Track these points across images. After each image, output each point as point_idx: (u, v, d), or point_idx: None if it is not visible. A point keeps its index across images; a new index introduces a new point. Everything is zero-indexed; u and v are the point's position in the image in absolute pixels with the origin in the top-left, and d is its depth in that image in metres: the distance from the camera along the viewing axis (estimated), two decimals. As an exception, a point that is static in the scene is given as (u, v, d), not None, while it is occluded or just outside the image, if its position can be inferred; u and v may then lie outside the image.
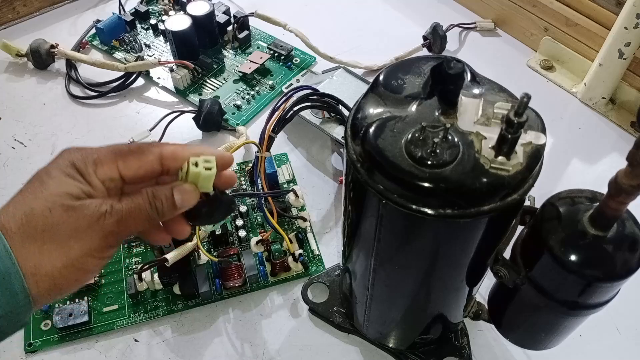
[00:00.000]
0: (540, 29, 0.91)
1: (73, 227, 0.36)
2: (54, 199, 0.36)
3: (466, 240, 0.41)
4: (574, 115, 0.85)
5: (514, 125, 0.34)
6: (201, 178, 0.39)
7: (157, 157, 0.39)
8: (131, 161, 0.39)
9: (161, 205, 0.39)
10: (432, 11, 0.99)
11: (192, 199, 0.40)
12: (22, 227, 0.35)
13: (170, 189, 0.39)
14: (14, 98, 0.86)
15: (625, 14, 0.75)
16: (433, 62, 0.42)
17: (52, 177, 0.37)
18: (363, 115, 0.40)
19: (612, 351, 0.62)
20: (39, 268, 0.35)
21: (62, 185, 0.36)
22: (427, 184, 0.36)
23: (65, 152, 0.38)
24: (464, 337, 0.60)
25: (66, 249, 0.36)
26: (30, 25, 0.96)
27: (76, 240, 0.36)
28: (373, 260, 0.46)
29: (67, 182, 0.37)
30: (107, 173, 0.38)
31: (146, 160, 0.39)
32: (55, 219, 0.36)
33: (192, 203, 0.40)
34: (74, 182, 0.37)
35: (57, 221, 0.36)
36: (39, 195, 0.36)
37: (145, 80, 0.88)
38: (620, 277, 0.38)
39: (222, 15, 0.91)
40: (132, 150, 0.39)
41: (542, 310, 0.44)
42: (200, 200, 0.40)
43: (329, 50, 0.87)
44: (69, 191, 0.36)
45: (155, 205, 0.39)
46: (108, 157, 0.38)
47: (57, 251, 0.36)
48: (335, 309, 0.63)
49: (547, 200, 0.41)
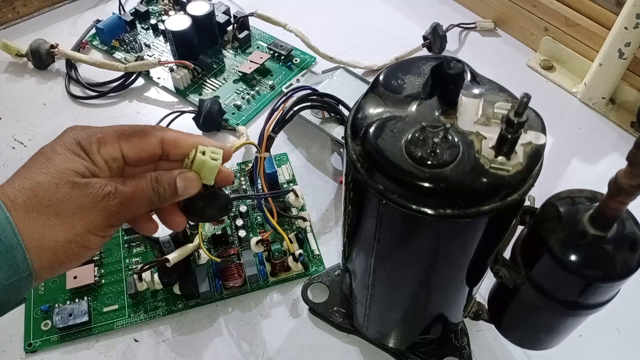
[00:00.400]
0: (540, 29, 0.91)
1: (78, 204, 0.36)
2: (60, 175, 0.36)
3: (466, 240, 0.41)
4: (574, 115, 0.85)
5: (514, 125, 0.34)
6: (206, 167, 0.40)
7: (159, 141, 0.40)
8: (134, 142, 0.40)
9: (163, 190, 0.39)
10: (432, 11, 0.99)
11: (194, 187, 0.40)
12: (28, 200, 0.35)
13: (174, 175, 0.40)
14: (14, 98, 0.86)
15: (625, 14, 0.75)
16: (433, 62, 0.42)
17: (57, 154, 0.37)
18: (363, 115, 0.40)
19: (612, 351, 0.62)
20: (43, 241, 0.36)
21: (68, 162, 0.37)
22: (427, 184, 0.36)
23: (69, 130, 0.39)
24: (464, 337, 0.60)
25: (70, 225, 0.36)
26: (30, 25, 0.96)
27: (80, 217, 0.36)
28: (373, 260, 0.46)
29: (72, 159, 0.37)
30: (110, 153, 0.39)
31: (148, 142, 0.40)
32: (61, 195, 0.36)
33: (193, 191, 0.40)
34: (80, 159, 0.37)
35: (63, 197, 0.36)
36: (45, 170, 0.36)
37: (145, 80, 0.88)
38: (620, 277, 0.38)
39: (222, 15, 0.91)
40: (136, 132, 0.40)
41: (542, 310, 0.44)
42: (199, 192, 0.41)
43: (329, 50, 0.87)
44: (75, 168, 0.37)
45: (157, 190, 0.39)
46: (112, 137, 0.39)
47: (61, 226, 0.36)
48: (335, 309, 0.63)
49: (547, 200, 0.41)
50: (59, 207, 0.36)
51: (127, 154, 0.40)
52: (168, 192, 0.39)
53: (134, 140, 0.40)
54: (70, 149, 0.38)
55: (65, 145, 0.38)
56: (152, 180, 0.39)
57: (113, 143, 0.39)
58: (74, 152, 0.37)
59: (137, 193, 0.38)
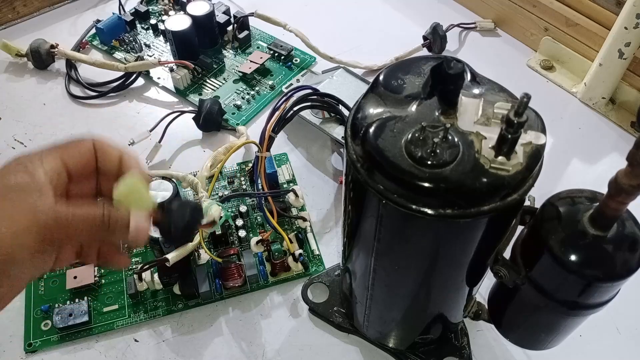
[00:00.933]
0: (540, 29, 0.91)
1: (8, 212, 0.34)
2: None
3: (466, 240, 0.41)
4: (574, 115, 0.85)
5: (514, 125, 0.34)
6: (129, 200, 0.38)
7: (91, 146, 0.39)
8: (71, 149, 0.38)
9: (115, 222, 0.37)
10: (432, 11, 0.99)
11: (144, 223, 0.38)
12: None
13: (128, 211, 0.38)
14: (13, 98, 0.86)
15: (625, 14, 0.75)
16: (433, 62, 0.42)
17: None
18: (363, 115, 0.40)
19: (613, 351, 0.62)
20: None
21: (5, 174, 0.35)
22: (427, 184, 0.36)
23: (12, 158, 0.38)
24: (464, 337, 0.60)
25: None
26: (30, 25, 0.96)
27: (8, 225, 0.33)
28: (373, 260, 0.46)
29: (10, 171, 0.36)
30: (51, 164, 0.37)
31: (84, 147, 0.39)
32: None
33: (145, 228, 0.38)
34: (19, 173, 0.35)
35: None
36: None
37: (145, 80, 0.88)
38: (620, 277, 0.38)
39: (222, 15, 0.91)
40: (71, 141, 0.39)
41: (542, 310, 0.44)
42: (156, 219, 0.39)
43: (329, 50, 0.87)
44: (10, 180, 0.35)
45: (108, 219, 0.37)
46: (51, 150, 0.38)
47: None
48: (335, 309, 0.63)
49: (547, 200, 0.41)
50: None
51: (67, 163, 0.38)
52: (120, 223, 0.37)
53: (70, 147, 0.39)
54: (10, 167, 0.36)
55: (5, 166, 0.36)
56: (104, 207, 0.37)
57: (53, 153, 0.38)
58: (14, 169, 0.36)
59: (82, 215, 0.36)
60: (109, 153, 0.40)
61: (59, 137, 0.80)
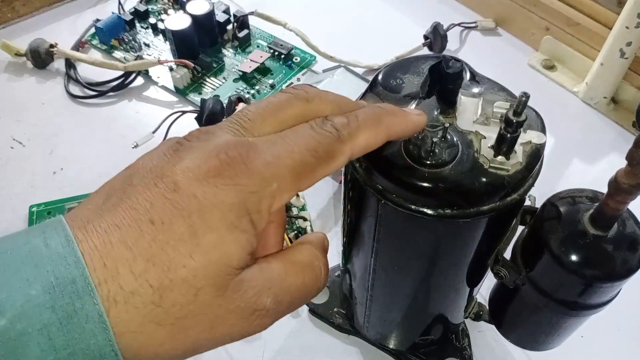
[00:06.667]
0: (541, 28, 0.90)
1: (214, 317, 0.25)
2: (206, 272, 0.24)
3: (466, 241, 0.41)
4: (575, 115, 0.85)
5: (513, 124, 0.34)
6: None
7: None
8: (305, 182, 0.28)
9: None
10: (432, 10, 0.99)
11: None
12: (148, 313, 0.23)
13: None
14: (12, 98, 0.86)
15: (626, 13, 0.74)
16: (432, 61, 0.41)
17: (210, 228, 0.24)
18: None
19: (614, 352, 0.62)
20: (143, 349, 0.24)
21: (223, 246, 0.24)
22: (426, 184, 0.35)
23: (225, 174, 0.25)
24: (465, 338, 0.60)
25: (191, 338, 0.25)
26: (30, 24, 0.96)
27: (209, 332, 0.25)
28: (372, 260, 0.45)
29: (231, 239, 0.25)
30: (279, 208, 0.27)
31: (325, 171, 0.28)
32: (198, 307, 0.24)
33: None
34: (243, 235, 0.25)
35: (199, 310, 0.24)
36: (184, 260, 0.24)
37: (145, 79, 0.88)
38: (621, 277, 0.38)
39: (222, 14, 0.91)
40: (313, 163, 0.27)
41: (543, 311, 0.44)
42: None
43: (329, 49, 0.87)
44: (230, 258, 0.25)
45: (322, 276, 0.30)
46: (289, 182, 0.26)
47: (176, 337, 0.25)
48: (336, 310, 0.63)
49: (547, 200, 0.41)
50: (188, 322, 0.24)
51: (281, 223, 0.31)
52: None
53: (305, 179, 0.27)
54: (230, 220, 0.25)
55: (223, 214, 0.24)
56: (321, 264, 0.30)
57: (291, 191, 0.27)
58: (236, 225, 0.25)
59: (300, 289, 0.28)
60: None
61: (58, 137, 0.80)
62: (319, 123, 0.28)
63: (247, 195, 0.25)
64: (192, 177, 0.25)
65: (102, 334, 0.22)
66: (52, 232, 0.24)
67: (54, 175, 0.76)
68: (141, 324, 0.23)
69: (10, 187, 0.74)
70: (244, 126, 0.27)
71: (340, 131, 0.28)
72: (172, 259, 0.24)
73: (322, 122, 0.28)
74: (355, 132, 0.29)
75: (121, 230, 0.24)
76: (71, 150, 0.79)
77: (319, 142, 0.27)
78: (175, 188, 0.24)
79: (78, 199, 0.71)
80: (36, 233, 0.24)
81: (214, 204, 0.24)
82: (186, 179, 0.24)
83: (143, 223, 0.24)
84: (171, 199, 0.24)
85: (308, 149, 0.27)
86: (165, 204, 0.24)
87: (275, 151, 0.26)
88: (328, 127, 0.28)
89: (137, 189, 0.25)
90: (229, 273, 0.25)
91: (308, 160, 0.27)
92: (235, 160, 0.25)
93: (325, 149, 0.27)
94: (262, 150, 0.26)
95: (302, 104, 0.29)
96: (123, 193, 0.25)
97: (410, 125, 0.34)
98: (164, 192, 0.24)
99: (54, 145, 0.79)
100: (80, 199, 0.71)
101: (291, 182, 0.26)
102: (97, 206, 0.25)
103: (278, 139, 0.27)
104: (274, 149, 0.26)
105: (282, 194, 0.26)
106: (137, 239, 0.24)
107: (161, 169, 0.25)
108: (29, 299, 0.22)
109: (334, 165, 0.28)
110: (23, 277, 0.22)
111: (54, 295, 0.22)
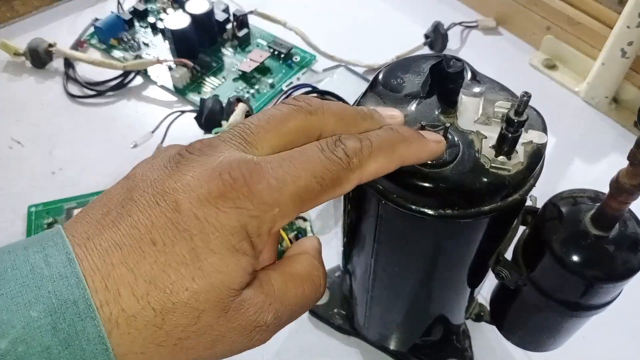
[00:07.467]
0: (542, 27, 0.90)
1: (216, 336, 0.25)
2: (207, 294, 0.24)
3: (467, 241, 0.40)
4: (577, 115, 0.85)
5: (514, 124, 0.34)
6: None
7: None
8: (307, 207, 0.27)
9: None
10: (433, 9, 0.99)
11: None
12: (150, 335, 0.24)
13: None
14: (11, 97, 0.85)
15: (628, 12, 0.74)
16: (432, 60, 0.41)
17: (212, 252, 0.24)
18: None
19: (616, 353, 0.62)
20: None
21: (225, 267, 0.24)
22: (427, 184, 0.35)
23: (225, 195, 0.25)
24: (466, 339, 0.60)
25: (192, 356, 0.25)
26: (29, 24, 0.95)
27: (211, 349, 0.26)
28: (373, 261, 0.45)
29: (232, 262, 0.25)
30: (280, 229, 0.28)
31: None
32: (200, 327, 0.24)
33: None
34: (244, 257, 0.25)
35: (202, 331, 0.25)
36: (187, 283, 0.24)
37: (144, 79, 0.87)
38: (622, 277, 0.38)
39: (221, 13, 0.90)
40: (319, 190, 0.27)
41: (544, 312, 0.44)
42: None
43: (330, 48, 0.87)
44: (232, 279, 0.25)
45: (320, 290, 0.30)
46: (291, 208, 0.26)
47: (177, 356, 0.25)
48: (336, 311, 0.62)
49: (548, 200, 0.41)
50: (190, 342, 0.25)
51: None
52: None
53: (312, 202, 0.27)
54: (232, 243, 0.25)
55: (224, 237, 0.24)
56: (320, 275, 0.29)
57: (292, 216, 0.27)
58: (237, 248, 0.25)
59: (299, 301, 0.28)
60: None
61: (57, 137, 0.80)
62: (330, 146, 0.27)
63: (249, 219, 0.25)
64: (194, 197, 0.24)
65: (103, 356, 0.22)
66: (52, 250, 0.23)
67: (53, 175, 0.76)
68: (143, 345, 0.23)
69: (10, 187, 0.74)
70: (247, 139, 0.27)
71: (351, 158, 0.27)
72: (174, 282, 0.24)
73: (333, 145, 0.28)
74: (367, 160, 0.28)
75: (122, 251, 0.24)
76: (70, 150, 0.79)
77: (327, 170, 0.27)
78: (177, 208, 0.24)
79: (77, 199, 0.71)
80: (37, 248, 0.23)
81: (215, 227, 0.24)
82: (188, 199, 0.24)
83: (144, 243, 0.24)
84: (173, 219, 0.24)
85: (314, 176, 0.26)
86: (167, 224, 0.24)
87: (280, 174, 0.26)
88: (339, 152, 0.27)
89: (138, 205, 0.25)
90: (230, 295, 0.25)
91: (313, 187, 0.26)
92: (239, 183, 0.25)
93: (332, 177, 0.27)
94: (267, 172, 0.25)
95: (305, 116, 0.29)
96: (123, 208, 0.25)
97: (427, 154, 0.33)
98: (165, 211, 0.24)
99: (53, 145, 0.79)
100: (80, 199, 0.71)
101: (293, 208, 0.26)
102: (97, 220, 0.25)
103: (285, 160, 0.26)
104: (279, 172, 0.26)
105: (284, 218, 0.26)
106: (138, 260, 0.23)
107: (162, 185, 0.25)
108: (30, 321, 0.22)
109: (339, 192, 0.28)
110: (25, 298, 0.22)
111: (55, 317, 0.22)
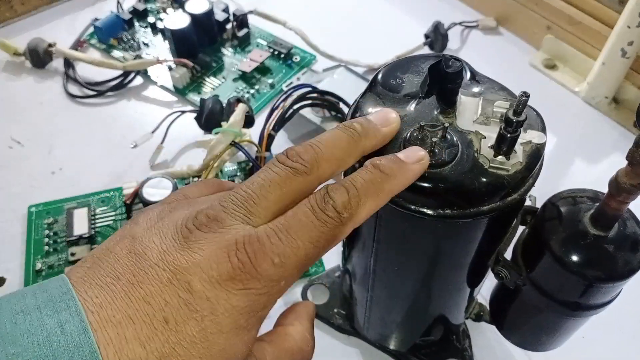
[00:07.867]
0: (542, 27, 0.90)
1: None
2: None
3: (466, 241, 0.40)
4: (577, 115, 0.85)
5: (513, 124, 0.34)
6: None
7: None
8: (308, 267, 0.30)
9: None
10: (433, 9, 0.99)
11: None
12: None
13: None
14: (11, 97, 0.85)
15: (628, 12, 0.74)
16: (432, 60, 0.41)
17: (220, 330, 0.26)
18: (361, 115, 0.39)
19: (616, 353, 0.62)
20: None
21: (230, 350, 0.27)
22: (426, 184, 0.35)
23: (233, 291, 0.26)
24: (465, 339, 0.60)
25: None
26: (28, 23, 0.95)
27: None
28: (372, 261, 0.45)
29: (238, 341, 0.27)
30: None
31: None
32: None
33: None
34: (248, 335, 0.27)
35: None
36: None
37: (144, 79, 0.87)
38: (622, 277, 0.38)
39: (221, 13, 0.90)
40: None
41: (544, 311, 0.44)
42: None
43: (330, 48, 0.87)
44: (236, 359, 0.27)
45: None
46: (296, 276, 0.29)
47: None
48: (336, 311, 0.62)
49: (548, 200, 0.41)
50: None
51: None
52: None
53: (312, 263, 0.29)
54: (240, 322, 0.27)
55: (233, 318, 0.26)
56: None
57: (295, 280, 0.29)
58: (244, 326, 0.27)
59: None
60: None
61: (57, 137, 0.80)
62: (320, 204, 0.29)
63: (257, 297, 0.27)
64: (205, 280, 0.26)
65: None
66: (66, 314, 0.24)
67: (53, 175, 0.75)
68: None
69: (9, 187, 0.74)
70: (250, 210, 0.28)
71: (341, 214, 0.29)
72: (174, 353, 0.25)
73: (323, 203, 0.29)
74: (357, 209, 0.30)
75: (135, 326, 0.25)
76: (70, 150, 0.79)
77: (321, 233, 0.28)
78: (189, 289, 0.26)
79: (77, 199, 0.71)
80: (49, 312, 0.24)
81: (226, 308, 0.26)
82: (200, 281, 0.26)
83: (157, 321, 0.25)
84: (185, 300, 0.26)
85: (312, 242, 0.28)
86: (179, 304, 0.25)
87: (281, 250, 0.27)
88: (330, 211, 0.29)
89: (149, 278, 0.26)
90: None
91: (312, 253, 0.28)
92: (246, 266, 0.26)
93: (327, 239, 0.29)
94: (270, 250, 0.27)
95: (303, 178, 0.30)
96: (134, 277, 0.26)
97: (412, 179, 0.34)
98: (178, 291, 0.26)
99: (52, 145, 0.79)
100: (80, 199, 0.71)
101: (297, 275, 0.28)
102: (107, 284, 0.26)
103: (282, 233, 0.28)
104: (280, 248, 0.27)
105: (288, 286, 0.28)
106: (150, 337, 0.25)
107: (173, 262, 0.26)
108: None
109: (335, 244, 0.30)
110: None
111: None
